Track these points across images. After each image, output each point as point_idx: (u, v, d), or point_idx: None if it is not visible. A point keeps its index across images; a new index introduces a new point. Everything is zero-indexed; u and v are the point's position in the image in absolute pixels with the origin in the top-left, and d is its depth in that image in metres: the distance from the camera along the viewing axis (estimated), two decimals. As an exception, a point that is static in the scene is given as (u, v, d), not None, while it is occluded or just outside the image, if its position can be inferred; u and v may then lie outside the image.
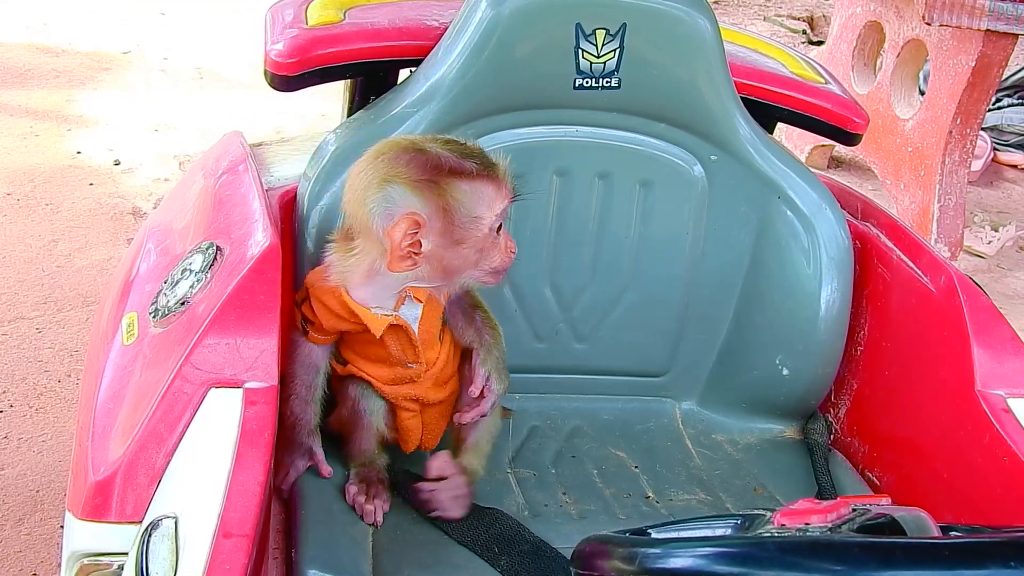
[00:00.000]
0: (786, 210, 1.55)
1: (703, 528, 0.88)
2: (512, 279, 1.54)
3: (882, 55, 3.49)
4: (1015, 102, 4.06)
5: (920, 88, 3.36)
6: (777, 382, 1.59)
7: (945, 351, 1.41)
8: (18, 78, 3.79)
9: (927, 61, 3.21)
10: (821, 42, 4.67)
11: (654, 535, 0.85)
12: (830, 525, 0.80)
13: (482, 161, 1.24)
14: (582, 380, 1.64)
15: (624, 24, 1.43)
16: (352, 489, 1.35)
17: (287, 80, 1.51)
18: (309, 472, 1.37)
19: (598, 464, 1.53)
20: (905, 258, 1.52)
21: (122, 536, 1.01)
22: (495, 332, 1.39)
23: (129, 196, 3.06)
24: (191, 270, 1.28)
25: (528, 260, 1.53)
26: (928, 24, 2.97)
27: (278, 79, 1.51)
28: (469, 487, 1.35)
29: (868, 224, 1.61)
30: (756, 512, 0.86)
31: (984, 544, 0.77)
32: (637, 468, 1.54)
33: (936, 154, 3.12)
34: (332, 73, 1.53)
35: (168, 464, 1.04)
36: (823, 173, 1.75)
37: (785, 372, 1.58)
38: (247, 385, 1.10)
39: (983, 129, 3.59)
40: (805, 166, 1.60)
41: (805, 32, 5.08)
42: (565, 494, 1.46)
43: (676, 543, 0.81)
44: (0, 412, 2.16)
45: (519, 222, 1.50)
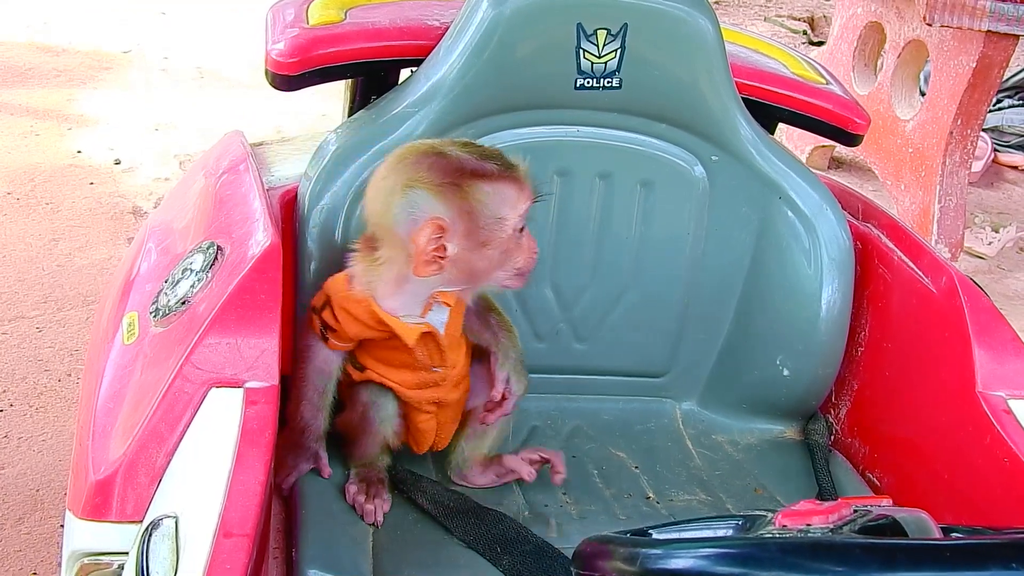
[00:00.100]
0: (787, 211, 1.55)
1: (704, 529, 0.88)
2: (513, 279, 1.54)
3: (883, 56, 3.49)
4: (1016, 103, 4.05)
5: (921, 89, 3.36)
6: (778, 383, 1.59)
7: (946, 352, 1.41)
8: (19, 77, 3.79)
9: (928, 62, 3.21)
10: (822, 43, 4.67)
11: (655, 536, 0.85)
12: (831, 526, 0.80)
13: (503, 162, 1.24)
14: (582, 380, 1.63)
15: (625, 24, 1.43)
16: (352, 489, 1.35)
17: (288, 80, 1.51)
18: (310, 472, 1.37)
19: (598, 464, 1.53)
20: (906, 259, 1.52)
21: (122, 535, 1.01)
22: (511, 333, 1.39)
23: (129, 195, 3.06)
24: (192, 269, 1.28)
25: (529, 260, 1.53)
26: (929, 25, 2.96)
27: (279, 79, 1.51)
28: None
29: (869, 225, 1.61)
30: (757, 513, 0.86)
31: (985, 545, 0.77)
32: (637, 468, 1.54)
33: (937, 155, 3.12)
34: (333, 73, 1.53)
35: (168, 464, 1.04)
36: (824, 174, 1.75)
37: (786, 373, 1.58)
38: (248, 385, 1.10)
39: (984, 130, 3.59)
40: (806, 167, 1.60)
41: (806, 33, 5.08)
42: (565, 494, 1.46)
43: (677, 544, 0.81)
44: (0, 411, 2.16)
45: (520, 222, 1.50)
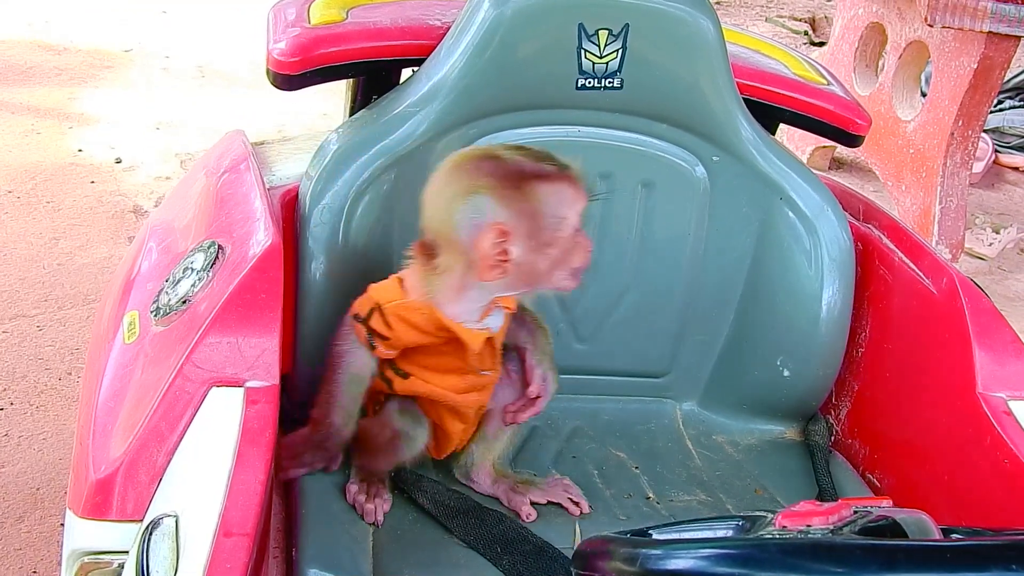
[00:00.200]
0: (788, 211, 1.55)
1: (704, 529, 0.88)
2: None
3: (884, 56, 3.49)
4: (1017, 104, 4.05)
5: (922, 90, 3.36)
6: (778, 383, 1.59)
7: (946, 353, 1.41)
8: (20, 76, 3.79)
9: (929, 63, 3.21)
10: (823, 43, 4.67)
11: (655, 536, 0.85)
12: (832, 527, 0.80)
13: (558, 163, 1.24)
14: (583, 380, 1.63)
15: (627, 24, 1.43)
16: (352, 488, 1.35)
17: (289, 79, 1.51)
18: (310, 471, 1.37)
19: (598, 465, 1.53)
20: (906, 260, 1.52)
21: (123, 534, 1.01)
22: (545, 332, 1.39)
23: (130, 194, 3.06)
24: (193, 269, 1.28)
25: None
26: (930, 26, 2.96)
27: (280, 78, 1.51)
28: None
29: (870, 226, 1.61)
30: (757, 514, 0.86)
31: (985, 547, 0.77)
32: (637, 469, 1.54)
33: (937, 156, 3.12)
34: (334, 72, 1.53)
35: (169, 463, 1.04)
36: (825, 174, 1.75)
37: (786, 373, 1.58)
38: (248, 384, 1.10)
39: (985, 131, 3.59)
40: (807, 167, 1.60)
41: (807, 33, 5.08)
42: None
43: (677, 544, 0.81)
44: (1, 410, 2.16)
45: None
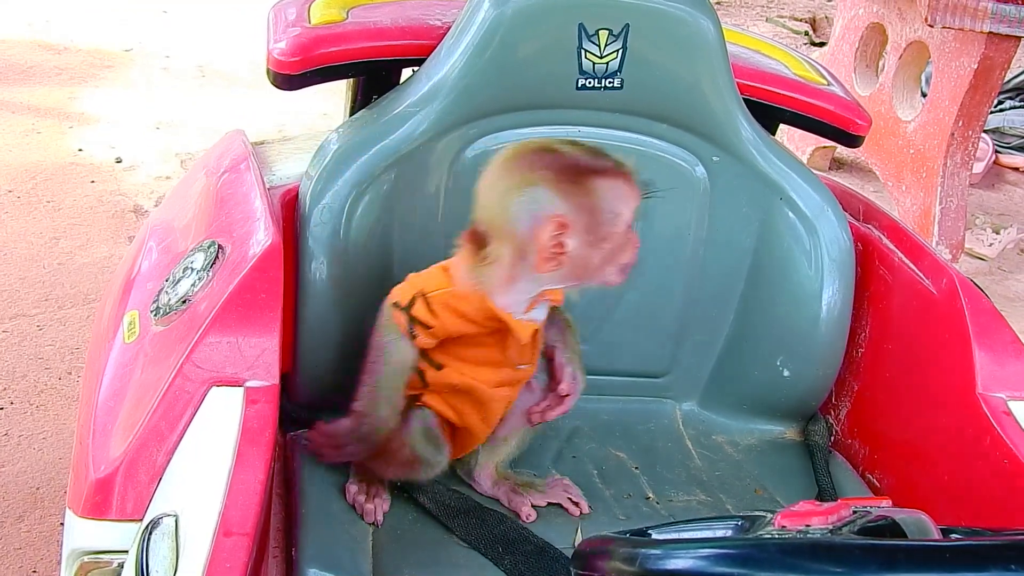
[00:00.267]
0: (788, 211, 1.55)
1: (704, 529, 0.88)
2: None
3: (884, 57, 3.49)
4: (1017, 104, 4.05)
5: (922, 90, 3.36)
6: (778, 383, 1.59)
7: (946, 353, 1.41)
8: (20, 75, 3.79)
9: (929, 63, 3.21)
10: (823, 43, 4.67)
11: (655, 536, 0.85)
12: (831, 527, 0.80)
13: (614, 160, 1.24)
14: (583, 380, 1.64)
15: (627, 25, 1.43)
16: (352, 488, 1.35)
17: (289, 79, 1.51)
18: (309, 471, 1.37)
19: (598, 464, 1.53)
20: (906, 260, 1.52)
21: (122, 534, 1.01)
22: (574, 330, 1.39)
23: (130, 194, 3.06)
24: (193, 268, 1.28)
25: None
26: (930, 26, 2.96)
27: (280, 78, 1.51)
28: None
29: (870, 226, 1.61)
30: (757, 513, 0.86)
31: (985, 547, 0.77)
32: (637, 469, 1.54)
33: (938, 156, 3.12)
34: (334, 72, 1.53)
35: (169, 462, 1.04)
36: (825, 175, 1.75)
37: (786, 373, 1.58)
38: (248, 384, 1.10)
39: (985, 131, 3.59)
40: (807, 167, 1.60)
41: (807, 33, 5.08)
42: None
43: (677, 544, 0.81)
44: (0, 409, 2.16)
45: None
